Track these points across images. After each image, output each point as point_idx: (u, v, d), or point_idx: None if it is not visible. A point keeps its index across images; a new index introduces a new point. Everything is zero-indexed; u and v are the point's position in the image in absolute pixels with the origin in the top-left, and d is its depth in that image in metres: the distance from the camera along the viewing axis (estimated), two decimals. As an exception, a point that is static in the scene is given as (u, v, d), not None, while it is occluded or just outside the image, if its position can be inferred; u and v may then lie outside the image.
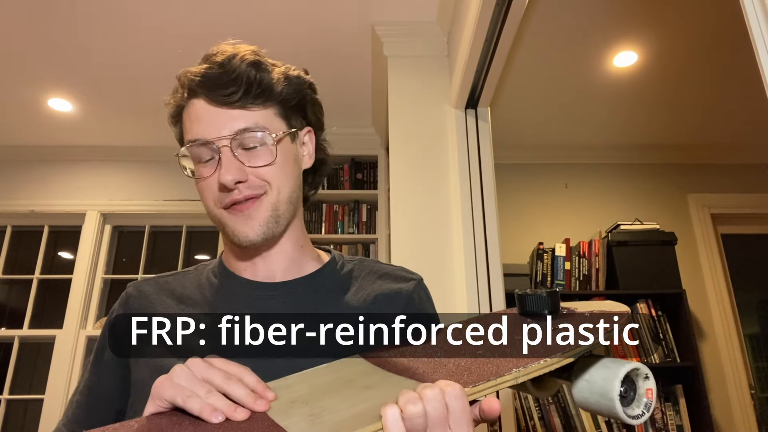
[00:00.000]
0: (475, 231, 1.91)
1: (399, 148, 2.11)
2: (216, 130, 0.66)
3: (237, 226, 0.68)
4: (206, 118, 0.67)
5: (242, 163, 0.66)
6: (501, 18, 1.66)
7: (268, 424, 0.46)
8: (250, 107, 0.68)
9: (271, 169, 0.68)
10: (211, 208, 0.69)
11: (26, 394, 3.01)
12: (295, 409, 0.48)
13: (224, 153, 0.66)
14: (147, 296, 0.75)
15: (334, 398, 0.49)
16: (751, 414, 2.82)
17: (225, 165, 0.66)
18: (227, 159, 0.66)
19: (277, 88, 0.70)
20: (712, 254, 3.09)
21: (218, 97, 0.67)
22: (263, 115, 0.69)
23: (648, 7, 2.18)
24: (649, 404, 0.49)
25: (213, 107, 0.67)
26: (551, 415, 2.55)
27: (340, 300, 0.73)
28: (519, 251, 2.95)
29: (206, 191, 0.69)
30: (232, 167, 0.65)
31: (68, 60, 2.50)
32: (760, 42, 0.65)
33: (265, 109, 0.69)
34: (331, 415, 0.46)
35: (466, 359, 0.52)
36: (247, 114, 0.67)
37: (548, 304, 0.54)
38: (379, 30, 2.24)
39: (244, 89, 0.67)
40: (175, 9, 2.18)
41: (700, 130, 3.10)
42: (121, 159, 3.33)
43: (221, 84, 0.67)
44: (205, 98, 0.68)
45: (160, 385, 0.49)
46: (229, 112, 0.67)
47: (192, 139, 0.68)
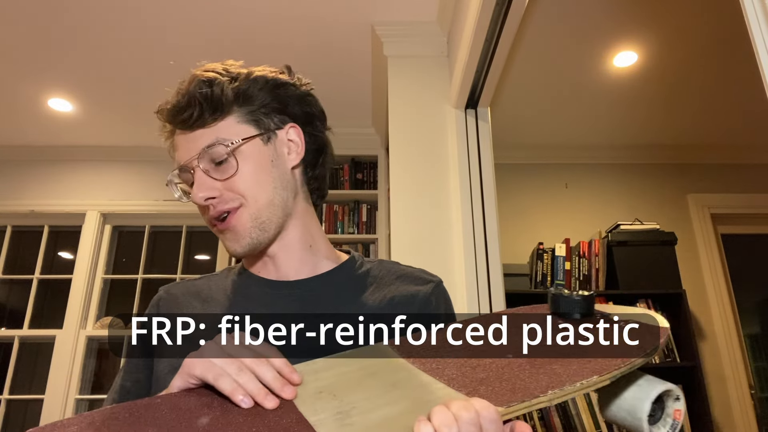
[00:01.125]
0: (475, 231, 1.91)
1: (399, 148, 2.11)
2: (186, 154, 0.70)
3: (226, 242, 0.70)
4: (179, 145, 0.71)
5: (215, 179, 0.68)
6: (501, 18, 1.66)
7: (297, 419, 0.45)
8: (210, 124, 0.69)
9: (239, 179, 0.68)
10: (209, 226, 0.73)
11: (26, 394, 3.01)
12: (323, 402, 0.47)
13: (196, 173, 0.69)
14: (176, 298, 0.76)
15: (361, 393, 0.48)
16: (751, 414, 2.82)
17: (196, 184, 0.69)
18: (198, 178, 0.68)
19: (229, 97, 0.69)
20: (712, 254, 3.09)
21: (180, 123, 0.70)
22: (224, 127, 0.69)
23: (648, 7, 2.18)
24: (676, 425, 0.48)
25: (181, 134, 0.71)
26: (551, 415, 2.55)
27: (356, 299, 0.72)
28: (519, 251, 2.95)
29: (199, 211, 0.72)
30: (203, 186, 0.68)
31: (68, 60, 2.50)
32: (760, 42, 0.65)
33: (224, 121, 0.69)
34: (359, 416, 0.45)
35: (497, 365, 0.51)
36: (207, 131, 0.69)
37: (581, 308, 0.53)
38: (379, 30, 2.24)
39: (198, 109, 0.68)
40: (175, 9, 2.18)
41: (700, 130, 3.09)
42: (121, 159, 3.33)
43: (180, 110, 0.69)
44: (175, 127, 0.72)
45: (190, 362, 0.48)
46: (192, 134, 0.69)
47: (175, 167, 0.72)
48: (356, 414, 0.46)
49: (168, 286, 0.80)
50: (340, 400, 0.48)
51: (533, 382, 0.48)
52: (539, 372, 0.50)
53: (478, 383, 0.48)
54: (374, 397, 0.48)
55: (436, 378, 0.50)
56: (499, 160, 2.17)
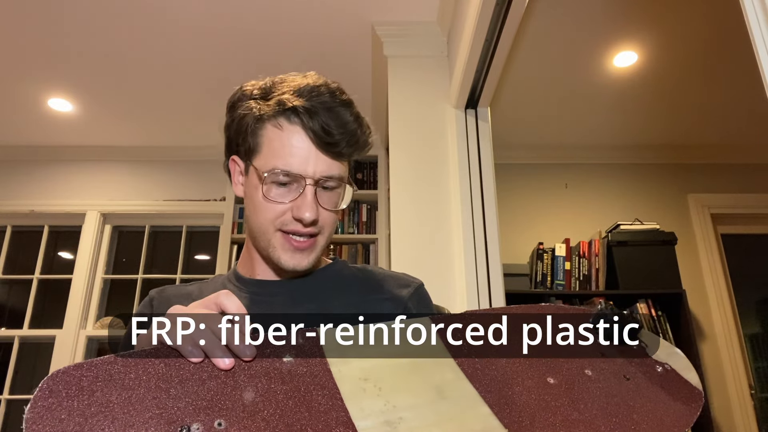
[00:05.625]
0: (475, 231, 1.91)
1: (399, 148, 2.11)
2: (308, 169, 0.70)
3: (286, 256, 0.73)
4: (304, 155, 0.70)
5: (321, 204, 0.72)
6: (501, 18, 1.66)
7: (344, 420, 0.45)
8: (341, 159, 0.73)
9: (335, 215, 0.75)
10: (266, 225, 0.73)
11: (26, 394, 3.01)
12: (369, 400, 0.47)
13: (308, 190, 0.71)
14: (168, 298, 0.78)
15: (408, 397, 0.48)
16: (751, 414, 2.82)
17: (308, 202, 0.70)
18: (310, 196, 0.70)
19: (364, 149, 0.76)
20: (712, 254, 3.09)
21: (323, 142, 0.70)
22: (345, 168, 0.75)
23: (648, 7, 2.18)
24: None
25: (313, 147, 0.71)
26: (551, 415, 2.55)
27: (338, 297, 0.78)
28: (519, 251, 2.95)
29: (269, 210, 0.72)
30: (314, 207, 0.71)
31: (68, 60, 2.50)
32: (760, 42, 0.65)
33: (346, 164, 0.75)
34: (407, 429, 0.45)
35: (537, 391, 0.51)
36: (336, 164, 0.73)
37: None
38: (379, 30, 2.24)
39: (345, 145, 0.71)
40: (176, 10, 2.17)
41: (700, 130, 3.10)
42: (121, 159, 3.33)
43: (330, 132, 0.70)
44: (308, 134, 0.70)
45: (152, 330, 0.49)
46: (325, 157, 0.71)
47: (282, 168, 0.70)
48: (403, 425, 0.45)
49: (159, 288, 0.83)
50: (386, 401, 0.47)
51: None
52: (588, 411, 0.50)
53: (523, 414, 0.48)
54: (422, 406, 0.47)
55: (481, 394, 0.50)
56: (499, 160, 2.17)
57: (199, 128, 3.09)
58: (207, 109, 2.86)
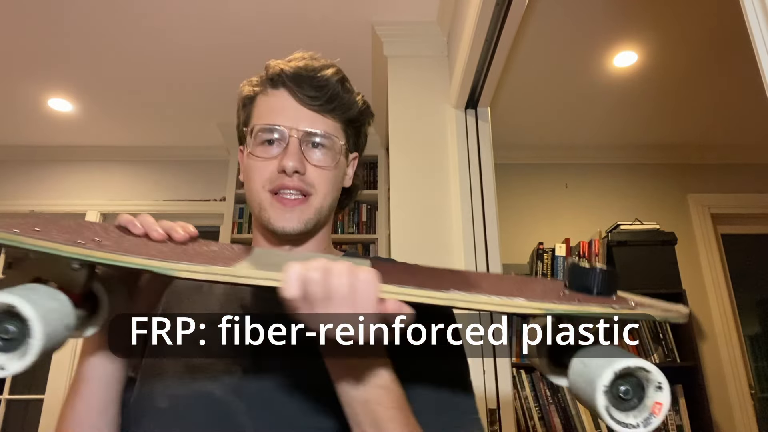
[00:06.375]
0: (475, 231, 1.91)
1: (399, 148, 2.11)
2: (292, 122, 0.71)
3: (277, 217, 0.71)
4: (285, 110, 0.72)
5: (305, 158, 0.71)
6: (501, 18, 1.66)
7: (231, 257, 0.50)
8: (326, 115, 0.73)
9: (326, 174, 0.73)
10: (257, 189, 0.72)
11: (26, 394, 3.01)
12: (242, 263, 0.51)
13: (292, 142, 0.71)
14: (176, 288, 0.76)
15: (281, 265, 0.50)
16: (751, 414, 2.82)
17: (291, 151, 0.70)
18: (294, 147, 0.70)
19: (351, 109, 0.76)
20: (712, 254, 3.09)
21: (303, 96, 0.72)
22: (333, 126, 0.74)
23: (648, 7, 2.18)
24: (651, 420, 0.40)
25: (294, 102, 0.73)
26: (551, 414, 2.55)
27: None
28: (519, 251, 2.95)
29: (258, 172, 0.72)
30: (297, 156, 0.70)
31: (68, 60, 2.50)
32: (760, 42, 0.65)
33: (335, 122, 0.75)
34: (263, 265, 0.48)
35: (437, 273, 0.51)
36: (321, 119, 0.73)
37: (601, 283, 0.45)
38: (379, 30, 2.24)
39: (327, 98, 0.72)
40: (176, 10, 2.17)
41: (700, 130, 3.10)
42: (121, 159, 3.33)
43: (310, 86, 0.72)
44: (290, 92, 0.73)
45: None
46: (307, 111, 0.72)
47: (266, 122, 0.72)
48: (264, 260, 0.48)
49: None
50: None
51: (448, 284, 0.45)
52: (468, 283, 0.47)
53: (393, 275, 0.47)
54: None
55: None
56: (499, 160, 2.17)
57: (199, 128, 3.09)
58: (207, 109, 2.86)
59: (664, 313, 0.44)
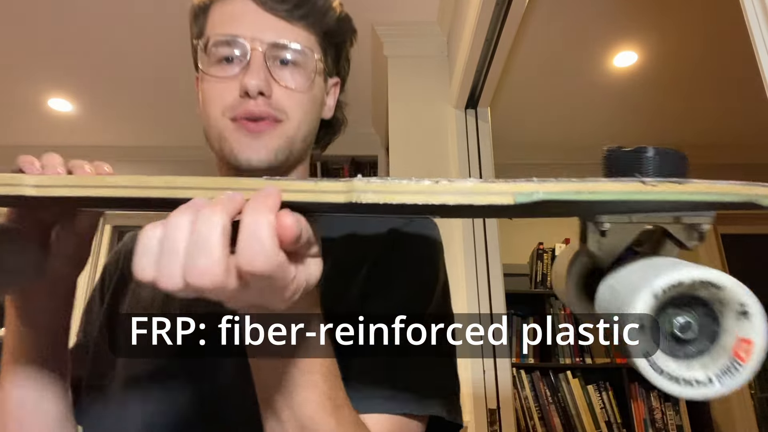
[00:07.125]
0: (475, 231, 1.91)
1: (399, 148, 2.11)
2: (254, 32, 0.58)
3: (241, 146, 0.58)
4: (245, 17, 0.59)
5: (272, 77, 0.58)
6: (501, 18, 1.66)
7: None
8: (296, 24, 0.60)
9: (298, 96, 0.59)
10: (214, 117, 0.59)
11: None
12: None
13: (255, 57, 0.57)
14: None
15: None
16: (751, 414, 2.82)
17: (254, 69, 0.57)
18: (257, 64, 0.57)
19: (328, 17, 0.62)
20: (712, 254, 3.09)
21: (270, 0, 0.59)
22: (305, 37, 0.61)
23: (648, 7, 2.18)
24: (734, 370, 0.24)
25: (256, 6, 0.59)
26: (551, 414, 2.55)
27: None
28: (519, 251, 2.95)
29: (215, 96, 0.59)
30: (261, 74, 0.57)
31: (68, 60, 2.50)
32: (760, 42, 0.65)
33: (308, 33, 0.61)
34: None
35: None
36: (290, 28, 0.59)
37: (654, 166, 0.30)
38: (379, 30, 2.24)
39: (295, 2, 0.59)
40: (176, 10, 2.17)
41: (701, 130, 3.10)
42: (121, 159, 3.33)
43: None
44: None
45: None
46: (273, 18, 0.59)
47: (222, 33, 0.59)
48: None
49: (133, 234, 0.74)
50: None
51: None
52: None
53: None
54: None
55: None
56: (499, 160, 2.17)
57: (199, 128, 3.08)
58: (207, 109, 2.86)
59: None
